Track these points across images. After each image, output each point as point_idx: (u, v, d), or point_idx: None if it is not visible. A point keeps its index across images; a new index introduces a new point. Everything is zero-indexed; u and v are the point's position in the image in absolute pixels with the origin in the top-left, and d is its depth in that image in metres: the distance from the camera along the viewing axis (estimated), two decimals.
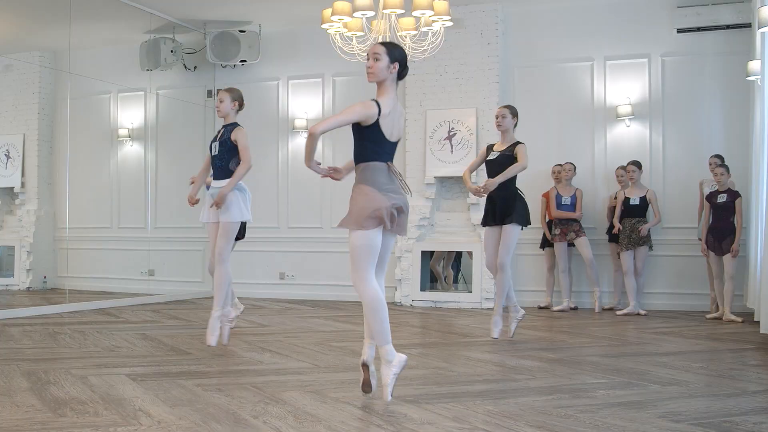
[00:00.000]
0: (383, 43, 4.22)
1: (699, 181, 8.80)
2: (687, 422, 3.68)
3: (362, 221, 4.10)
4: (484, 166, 6.80)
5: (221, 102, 5.98)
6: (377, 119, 4.10)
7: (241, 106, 6.07)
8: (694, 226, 8.84)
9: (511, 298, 6.70)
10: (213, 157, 5.94)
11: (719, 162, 8.43)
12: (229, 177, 5.85)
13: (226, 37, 10.70)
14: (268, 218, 10.64)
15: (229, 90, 6.05)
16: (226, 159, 5.89)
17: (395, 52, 4.18)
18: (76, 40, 9.62)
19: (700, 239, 8.64)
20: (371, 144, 4.15)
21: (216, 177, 5.95)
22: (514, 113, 6.67)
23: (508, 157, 6.51)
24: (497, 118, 6.65)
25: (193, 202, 6.10)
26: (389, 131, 4.16)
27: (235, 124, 5.98)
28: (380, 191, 4.11)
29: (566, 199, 9.14)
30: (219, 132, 6.04)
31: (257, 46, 10.73)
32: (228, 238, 5.87)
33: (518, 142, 6.57)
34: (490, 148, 6.73)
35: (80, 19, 9.50)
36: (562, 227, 9.12)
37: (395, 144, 4.23)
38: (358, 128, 4.15)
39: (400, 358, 4.08)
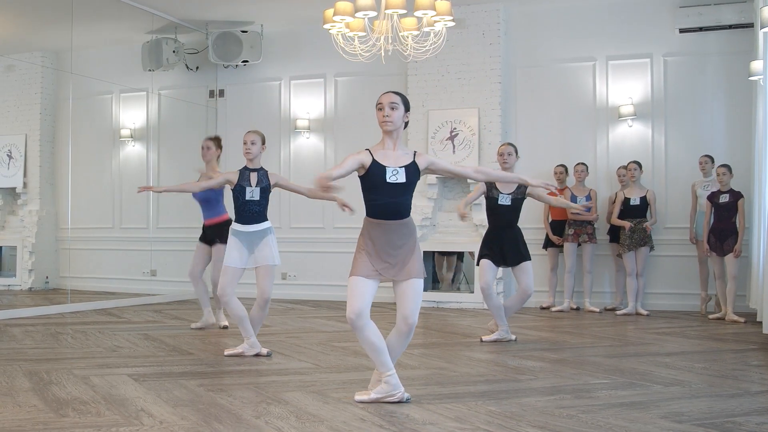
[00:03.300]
0: (397, 93, 4.20)
1: (692, 184, 8.80)
2: (689, 423, 3.68)
3: None
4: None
5: (253, 144, 5.82)
6: None
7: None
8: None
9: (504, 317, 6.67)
10: (248, 202, 5.79)
11: (710, 161, 8.58)
12: (265, 221, 5.89)
13: (228, 38, 10.70)
14: (270, 219, 10.53)
15: (257, 132, 5.92)
16: (264, 205, 5.88)
17: (407, 101, 4.20)
18: (78, 40, 9.63)
19: (691, 241, 8.73)
20: None
21: (248, 222, 5.82)
22: (517, 151, 6.60)
23: (521, 201, 6.49)
24: (503, 155, 6.50)
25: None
26: None
27: (264, 169, 5.91)
28: None
29: (581, 200, 9.11)
30: (250, 177, 5.83)
31: (259, 47, 10.73)
32: (272, 280, 5.94)
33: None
34: (491, 186, 6.49)
35: (82, 19, 9.51)
36: (576, 228, 9.09)
37: None
38: (417, 179, 4.21)
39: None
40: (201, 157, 7.34)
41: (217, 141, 7.38)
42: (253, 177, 5.83)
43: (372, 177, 4.12)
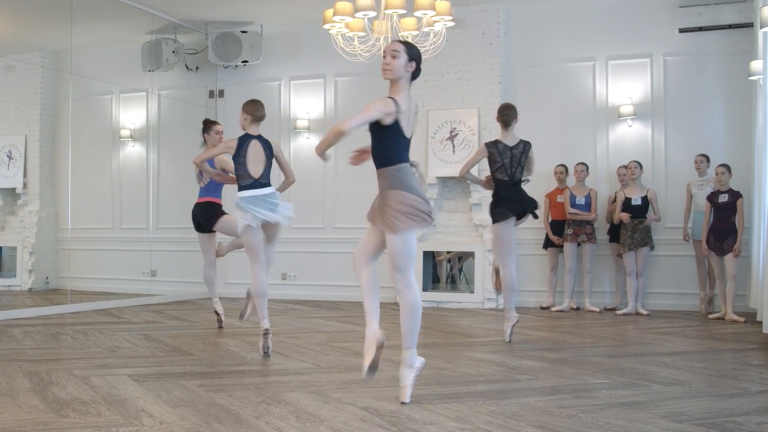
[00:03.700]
0: (402, 42, 4.20)
1: (687, 183, 8.81)
2: (689, 422, 3.68)
3: (406, 223, 4.06)
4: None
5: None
6: (397, 117, 4.06)
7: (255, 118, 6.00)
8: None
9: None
10: None
11: (706, 160, 8.62)
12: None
13: (227, 38, 10.70)
14: None
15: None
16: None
17: (413, 51, 4.17)
18: (77, 40, 9.63)
19: (685, 239, 8.75)
20: (395, 144, 4.10)
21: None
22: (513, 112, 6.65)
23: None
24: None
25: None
26: (407, 128, 4.15)
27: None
28: (416, 194, 4.10)
29: (580, 200, 9.11)
30: None
31: (259, 47, 10.73)
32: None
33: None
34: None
35: (82, 19, 9.51)
36: (575, 228, 9.09)
37: (410, 140, 4.22)
38: (379, 128, 4.07)
39: (421, 360, 4.22)
40: (211, 141, 7.31)
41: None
42: None
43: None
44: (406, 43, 4.19)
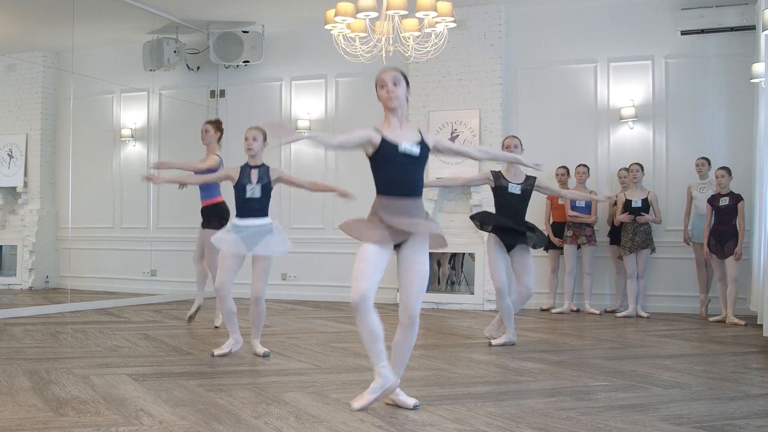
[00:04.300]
0: (395, 68, 4.09)
1: (687, 186, 8.80)
2: (689, 425, 3.67)
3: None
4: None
5: (254, 140, 5.68)
6: None
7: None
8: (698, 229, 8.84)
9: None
10: (249, 200, 5.67)
11: (707, 163, 8.62)
12: (266, 216, 5.75)
13: (229, 38, 10.71)
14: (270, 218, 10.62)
15: (259, 128, 5.75)
16: (265, 203, 5.73)
17: (406, 77, 4.10)
18: (79, 40, 9.63)
19: (686, 242, 8.75)
20: None
21: (249, 216, 5.69)
22: (521, 144, 6.47)
23: (529, 192, 6.37)
24: (509, 147, 6.33)
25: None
26: None
27: (266, 165, 5.78)
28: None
29: (580, 202, 9.11)
30: (250, 173, 5.71)
31: (260, 47, 10.73)
32: (266, 278, 5.86)
33: (534, 177, 6.37)
34: (499, 176, 6.38)
35: (83, 19, 9.52)
36: (575, 230, 9.09)
37: None
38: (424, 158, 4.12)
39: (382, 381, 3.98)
40: (201, 140, 7.38)
41: (216, 124, 7.37)
42: (254, 174, 5.69)
43: (384, 153, 3.98)
44: (399, 70, 4.08)
